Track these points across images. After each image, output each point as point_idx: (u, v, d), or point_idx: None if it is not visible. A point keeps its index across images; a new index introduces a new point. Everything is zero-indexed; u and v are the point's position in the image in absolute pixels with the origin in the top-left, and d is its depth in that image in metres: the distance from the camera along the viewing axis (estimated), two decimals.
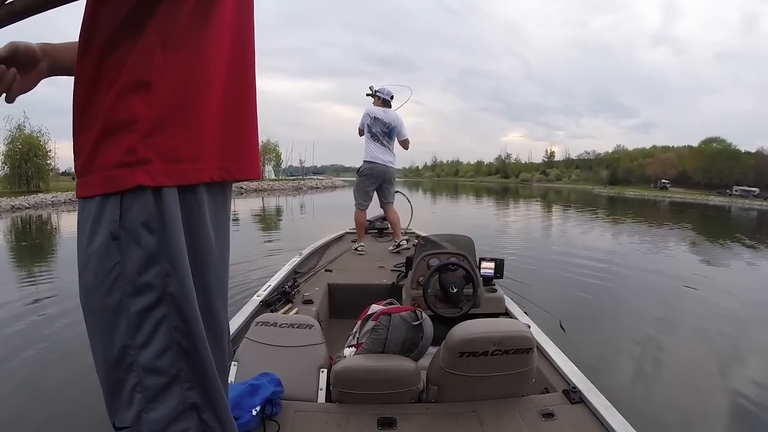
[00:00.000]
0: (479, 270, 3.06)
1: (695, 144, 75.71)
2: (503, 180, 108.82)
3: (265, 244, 9.76)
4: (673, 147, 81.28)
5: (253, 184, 51.79)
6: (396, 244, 4.70)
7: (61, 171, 70.34)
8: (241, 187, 47.23)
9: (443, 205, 27.16)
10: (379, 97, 4.81)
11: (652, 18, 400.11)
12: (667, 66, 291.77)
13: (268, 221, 16.35)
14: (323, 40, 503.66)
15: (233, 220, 16.89)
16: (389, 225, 5.16)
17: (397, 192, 5.22)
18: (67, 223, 14.62)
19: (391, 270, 3.87)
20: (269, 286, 3.22)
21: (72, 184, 42.53)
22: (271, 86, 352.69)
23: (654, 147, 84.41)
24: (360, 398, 1.74)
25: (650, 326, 4.72)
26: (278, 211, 21.75)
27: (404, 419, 1.65)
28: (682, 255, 9.80)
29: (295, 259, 4.09)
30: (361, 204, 4.88)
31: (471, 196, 39.79)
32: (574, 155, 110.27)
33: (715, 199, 39.73)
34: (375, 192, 4.97)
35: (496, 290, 3.05)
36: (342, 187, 48.70)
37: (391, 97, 4.84)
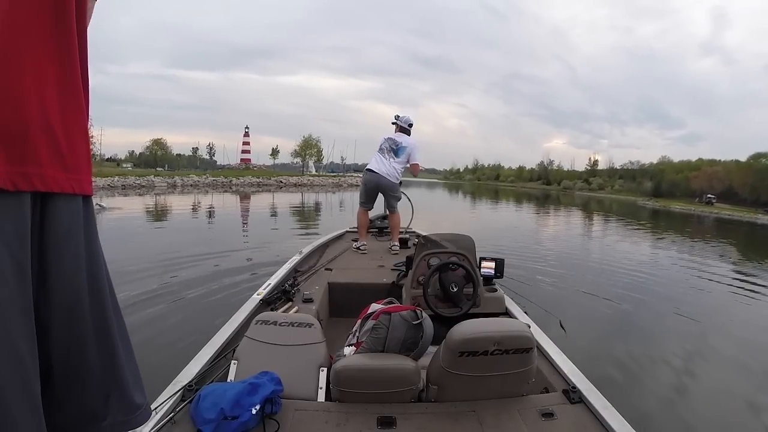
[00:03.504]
0: (479, 269, 3.06)
1: (743, 158, 71.93)
2: (545, 186, 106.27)
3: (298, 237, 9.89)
4: (720, 161, 77.73)
5: (293, 179, 52.25)
6: (392, 245, 4.90)
7: (106, 157, 73.44)
8: (281, 182, 47.82)
9: (481, 209, 26.98)
10: (397, 125, 5.19)
11: (701, 26, 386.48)
12: (715, 76, 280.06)
13: (305, 215, 16.53)
14: (369, 39, 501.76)
15: (271, 215, 17.19)
16: (389, 226, 5.36)
17: (402, 193, 5.38)
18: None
19: (391, 269, 3.89)
20: (269, 284, 3.22)
21: (115, 170, 43.97)
22: (316, 83, 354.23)
23: (700, 160, 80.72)
24: (360, 397, 1.74)
25: (654, 328, 4.76)
26: (317, 206, 21.91)
27: (404, 418, 1.66)
28: (701, 266, 9.53)
29: (296, 258, 4.08)
30: (361, 204, 5.17)
31: (510, 201, 39.29)
32: (617, 165, 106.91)
33: (762, 218, 37.80)
34: (380, 197, 5.23)
35: (496, 290, 3.05)
36: None
37: (410, 125, 5.20)
